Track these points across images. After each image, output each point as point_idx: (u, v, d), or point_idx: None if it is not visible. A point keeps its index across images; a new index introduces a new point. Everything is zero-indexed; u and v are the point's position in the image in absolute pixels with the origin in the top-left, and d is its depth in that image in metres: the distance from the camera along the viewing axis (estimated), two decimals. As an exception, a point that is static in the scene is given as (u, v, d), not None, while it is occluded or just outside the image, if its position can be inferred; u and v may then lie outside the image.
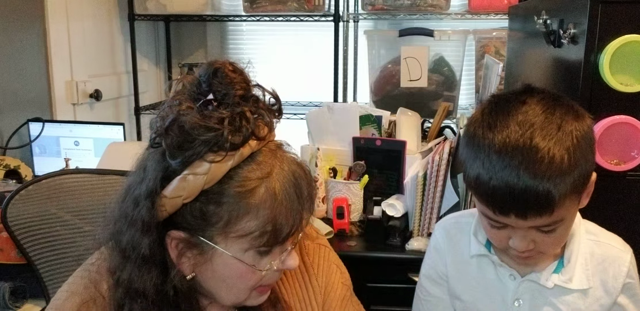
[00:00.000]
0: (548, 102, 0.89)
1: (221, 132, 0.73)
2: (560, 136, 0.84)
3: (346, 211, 1.75)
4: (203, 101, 0.76)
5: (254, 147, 0.77)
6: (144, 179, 0.77)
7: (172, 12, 2.43)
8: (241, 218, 0.76)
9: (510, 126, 0.86)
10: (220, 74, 0.77)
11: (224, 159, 0.74)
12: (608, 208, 1.27)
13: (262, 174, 0.76)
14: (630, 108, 1.21)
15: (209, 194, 0.75)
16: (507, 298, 1.01)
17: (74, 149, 2.17)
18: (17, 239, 1.18)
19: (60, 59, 2.17)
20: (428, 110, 2.25)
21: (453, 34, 2.27)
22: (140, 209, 0.76)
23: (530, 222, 0.85)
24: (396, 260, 1.63)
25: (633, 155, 1.22)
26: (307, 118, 1.97)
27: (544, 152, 0.82)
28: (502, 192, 0.84)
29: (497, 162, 0.84)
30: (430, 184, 1.67)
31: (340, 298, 1.01)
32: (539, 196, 0.82)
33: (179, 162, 0.75)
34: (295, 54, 2.74)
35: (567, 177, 0.83)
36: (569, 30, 1.25)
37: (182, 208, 0.76)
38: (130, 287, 0.79)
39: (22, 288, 1.58)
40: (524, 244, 0.89)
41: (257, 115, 0.78)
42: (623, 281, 0.97)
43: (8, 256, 1.57)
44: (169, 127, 0.74)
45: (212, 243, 0.77)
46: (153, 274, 0.78)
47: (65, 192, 1.23)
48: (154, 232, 0.77)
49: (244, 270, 0.79)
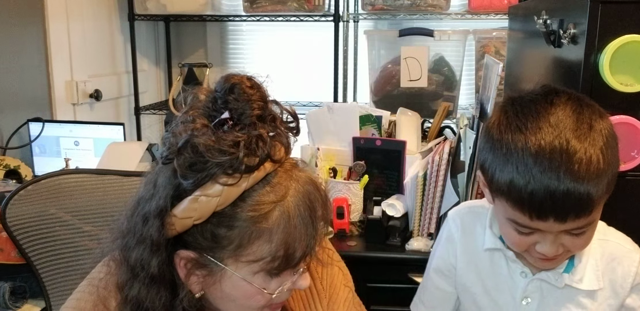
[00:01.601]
0: (575, 102, 0.88)
1: (236, 156, 0.71)
2: (593, 136, 0.84)
3: (346, 211, 1.75)
4: (218, 120, 0.73)
5: (268, 170, 0.74)
6: (154, 195, 0.75)
7: (172, 12, 2.43)
8: (253, 242, 0.74)
9: (542, 127, 0.84)
10: (237, 90, 0.74)
11: (237, 182, 0.72)
12: (608, 208, 1.26)
13: (276, 198, 0.74)
14: (630, 108, 1.21)
15: (220, 216, 0.73)
16: (516, 295, 1.00)
17: (74, 149, 2.17)
18: (17, 240, 1.18)
19: (60, 59, 2.17)
20: (428, 110, 2.25)
21: (453, 34, 2.27)
22: (150, 228, 0.74)
23: (567, 225, 0.84)
24: (396, 260, 1.63)
25: (633, 155, 1.22)
26: (307, 118, 1.97)
27: (582, 153, 0.82)
28: (542, 196, 0.82)
29: (533, 165, 0.82)
30: (430, 184, 1.67)
31: (343, 300, 0.99)
32: (581, 198, 0.81)
33: (191, 183, 0.73)
34: (295, 54, 2.74)
35: (603, 178, 0.83)
36: (569, 30, 1.25)
37: (193, 229, 0.74)
38: (140, 306, 0.77)
39: (22, 288, 1.58)
40: (553, 249, 0.88)
41: (273, 134, 0.75)
42: (632, 282, 0.96)
43: (8, 256, 1.57)
44: (182, 147, 0.72)
45: (222, 264, 0.76)
46: (162, 293, 0.77)
47: (65, 192, 1.23)
48: (163, 251, 0.75)
49: (253, 292, 0.77)
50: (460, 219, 1.09)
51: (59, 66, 2.17)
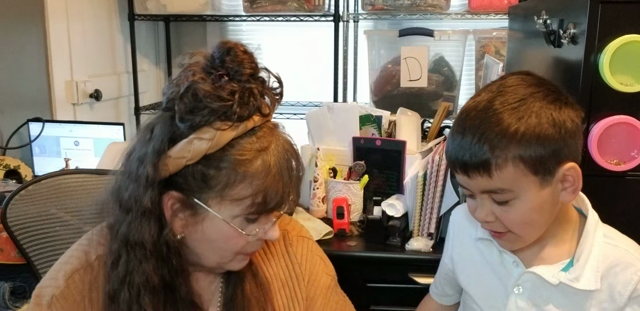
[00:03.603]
0: (527, 80, 0.92)
1: (231, 103, 0.80)
2: (519, 105, 0.87)
3: (346, 211, 1.75)
4: (216, 74, 0.83)
5: (256, 122, 0.84)
6: (151, 139, 0.84)
7: (172, 12, 2.43)
8: (237, 185, 0.82)
9: (481, 94, 0.92)
10: (232, 52, 0.83)
11: (229, 128, 0.81)
12: (608, 208, 1.26)
13: (260, 147, 0.83)
14: (630, 108, 1.21)
15: (210, 159, 0.82)
16: (509, 283, 1.01)
17: (74, 149, 2.17)
18: (17, 239, 1.18)
19: (60, 59, 2.17)
20: (428, 110, 2.25)
21: (453, 34, 2.27)
22: (145, 166, 0.82)
23: (474, 181, 0.89)
24: (396, 259, 1.63)
25: (633, 155, 1.22)
26: (307, 118, 1.97)
27: (496, 114, 0.87)
28: (450, 144, 0.91)
29: (456, 123, 0.91)
30: (430, 184, 1.67)
31: (325, 287, 1.04)
32: (477, 153, 0.86)
33: (187, 126, 0.82)
34: (295, 54, 2.74)
35: (510, 142, 0.85)
36: (569, 30, 1.25)
37: (184, 170, 0.83)
38: (128, 239, 0.85)
39: (22, 288, 1.58)
40: (482, 213, 0.92)
41: (263, 94, 0.85)
42: (632, 290, 0.94)
43: (8, 256, 1.57)
44: (184, 93, 0.81)
45: (206, 205, 0.84)
46: (151, 226, 0.84)
47: (65, 192, 1.23)
48: (155, 188, 0.83)
49: (232, 234, 0.86)
50: (456, 216, 1.15)
51: (59, 66, 2.17)
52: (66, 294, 0.89)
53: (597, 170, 1.23)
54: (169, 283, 0.87)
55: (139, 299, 0.85)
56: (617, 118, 1.20)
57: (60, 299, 0.88)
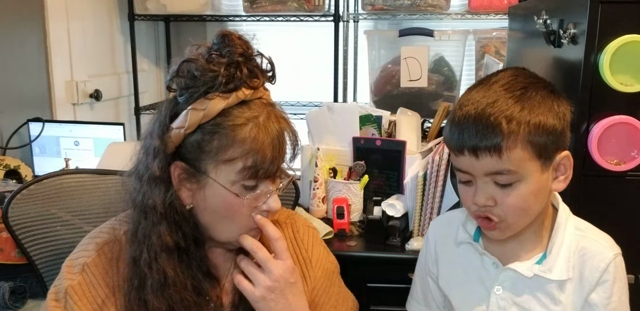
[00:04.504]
0: (525, 73, 0.97)
1: (217, 74, 0.89)
2: (522, 92, 0.92)
3: (346, 211, 1.75)
4: (210, 54, 0.92)
5: (247, 95, 0.91)
6: (158, 117, 0.94)
7: (172, 12, 2.43)
8: (228, 148, 0.89)
9: (477, 86, 0.96)
10: (227, 38, 0.93)
11: (219, 98, 0.89)
12: (608, 208, 1.27)
13: (250, 116, 0.90)
14: (630, 108, 1.22)
15: (205, 127, 0.90)
16: (488, 284, 1.04)
17: (74, 149, 2.17)
18: (19, 239, 1.18)
19: (60, 59, 2.17)
20: (428, 110, 2.25)
21: (453, 34, 2.27)
22: (153, 139, 0.92)
23: (482, 162, 0.91)
24: (396, 260, 1.63)
25: (633, 155, 1.22)
26: (307, 118, 1.97)
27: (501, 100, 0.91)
28: (460, 124, 0.92)
29: (459, 112, 0.93)
30: (430, 184, 1.67)
31: (329, 271, 1.11)
32: (487, 132, 0.89)
33: (184, 99, 0.91)
34: (295, 54, 2.74)
35: (519, 125, 0.89)
36: (569, 30, 1.25)
37: (185, 140, 0.91)
38: (143, 205, 0.94)
39: (22, 288, 1.58)
40: (483, 197, 0.93)
41: (253, 72, 0.92)
42: (599, 277, 0.98)
43: (8, 256, 1.58)
44: (179, 68, 0.91)
45: (205, 173, 0.91)
46: (161, 191, 0.92)
47: (66, 192, 1.23)
48: (162, 157, 0.91)
49: (232, 201, 0.92)
50: (435, 226, 1.17)
51: (59, 66, 2.17)
52: (97, 262, 0.96)
53: (597, 170, 1.23)
54: (184, 248, 0.94)
55: (157, 259, 0.92)
56: (617, 118, 1.20)
57: (92, 266, 0.96)
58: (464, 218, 1.09)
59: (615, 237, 1.03)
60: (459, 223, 1.10)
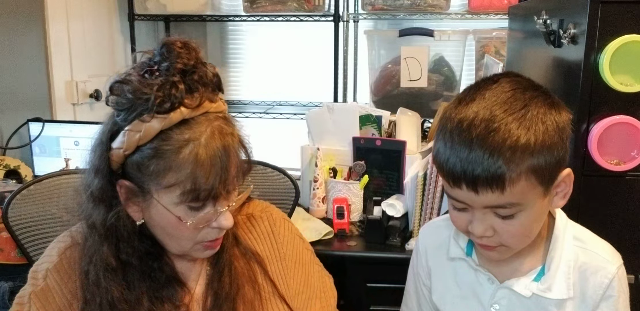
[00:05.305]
0: (522, 83, 0.88)
1: (148, 97, 0.84)
2: (524, 113, 0.83)
3: (346, 211, 1.75)
4: (146, 70, 0.88)
5: (185, 114, 0.86)
6: (101, 133, 0.91)
7: (172, 12, 2.43)
8: (166, 173, 0.86)
9: (475, 99, 0.85)
10: (166, 48, 0.89)
11: (154, 120, 0.85)
12: (608, 208, 1.27)
13: (191, 137, 0.85)
14: (630, 108, 1.22)
15: (144, 150, 0.87)
16: (485, 302, 0.99)
17: (74, 149, 2.17)
18: (19, 239, 1.18)
19: (60, 59, 2.17)
20: (428, 110, 2.25)
21: (453, 34, 2.27)
22: (94, 157, 0.91)
23: (482, 198, 0.83)
24: (396, 260, 1.63)
25: (633, 155, 1.22)
26: (307, 118, 1.97)
27: (502, 124, 0.81)
28: (454, 161, 0.83)
29: (453, 132, 0.84)
30: (430, 184, 1.67)
31: (308, 262, 1.10)
32: (490, 168, 0.81)
33: (122, 119, 0.88)
34: (295, 54, 2.74)
35: (523, 155, 0.81)
36: (569, 30, 1.25)
37: (127, 160, 0.88)
38: (87, 223, 0.93)
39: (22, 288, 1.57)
40: (481, 228, 0.87)
41: (192, 87, 0.87)
42: (603, 294, 0.93)
43: (8, 256, 1.58)
44: (112, 87, 0.89)
45: (149, 193, 0.89)
46: (101, 211, 0.91)
47: (66, 192, 1.23)
48: (102, 177, 0.90)
49: (174, 221, 0.89)
50: (427, 233, 1.11)
51: (59, 66, 2.17)
52: (59, 267, 0.95)
53: (597, 170, 1.23)
54: (135, 265, 0.93)
55: (104, 278, 0.91)
56: (617, 118, 1.20)
57: (54, 272, 0.95)
58: (455, 230, 1.02)
59: (615, 237, 1.03)
60: (449, 233, 1.04)
